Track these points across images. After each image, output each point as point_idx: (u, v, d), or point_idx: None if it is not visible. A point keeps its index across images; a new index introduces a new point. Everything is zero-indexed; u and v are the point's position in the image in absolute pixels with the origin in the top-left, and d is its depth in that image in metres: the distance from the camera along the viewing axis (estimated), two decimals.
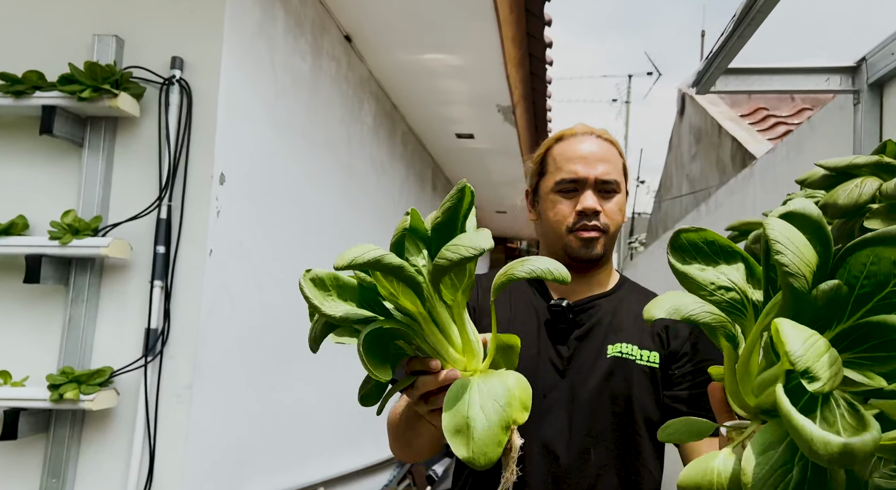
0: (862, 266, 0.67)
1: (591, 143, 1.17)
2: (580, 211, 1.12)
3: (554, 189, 1.14)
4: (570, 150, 1.16)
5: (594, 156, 1.15)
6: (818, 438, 0.48)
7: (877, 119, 1.55)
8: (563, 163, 1.15)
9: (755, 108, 4.87)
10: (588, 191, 1.13)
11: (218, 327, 1.93)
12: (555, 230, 1.14)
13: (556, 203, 1.14)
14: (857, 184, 1.15)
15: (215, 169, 1.87)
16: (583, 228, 1.12)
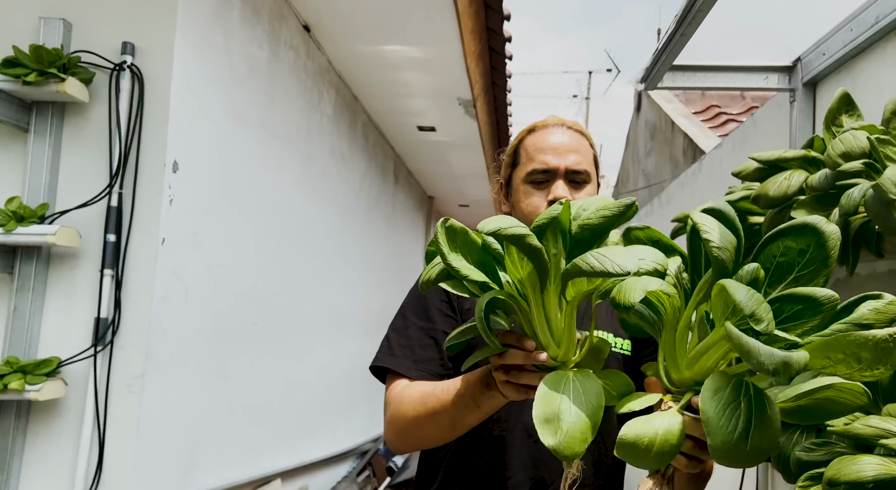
0: (774, 254, 0.75)
1: (561, 133, 1.18)
2: (551, 200, 1.13)
3: (526, 179, 1.16)
4: (542, 140, 1.17)
5: (565, 146, 1.16)
6: (765, 353, 0.59)
7: (810, 116, 1.63)
8: (534, 153, 1.16)
9: (708, 106, 5.02)
10: (559, 181, 1.14)
11: (171, 317, 1.92)
12: (527, 221, 1.12)
13: (528, 194, 1.16)
14: (786, 176, 1.22)
15: (168, 156, 1.85)
16: None
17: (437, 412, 0.97)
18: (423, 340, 1.11)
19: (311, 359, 3.23)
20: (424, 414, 0.99)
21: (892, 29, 1.33)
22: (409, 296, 1.19)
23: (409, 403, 1.02)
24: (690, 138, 4.12)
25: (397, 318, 1.16)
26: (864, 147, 1.04)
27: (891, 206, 0.92)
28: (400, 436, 1.05)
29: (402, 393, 1.05)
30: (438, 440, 1.03)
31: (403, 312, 1.16)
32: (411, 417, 1.01)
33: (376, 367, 1.13)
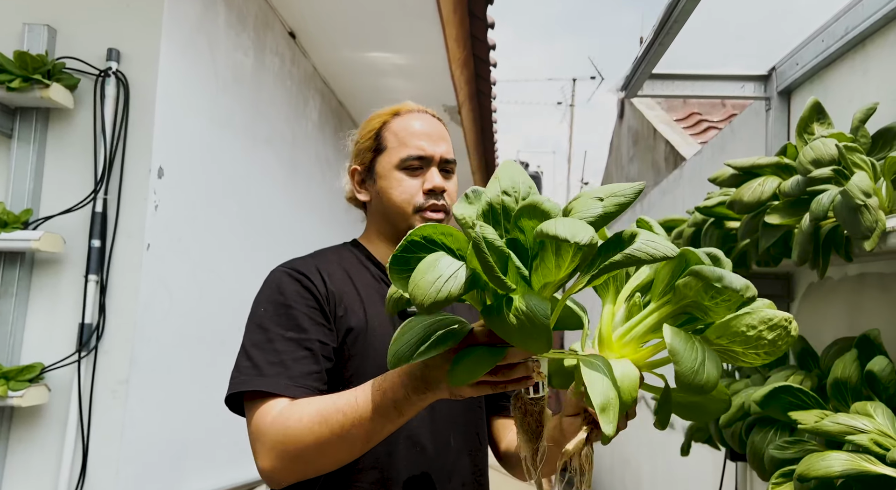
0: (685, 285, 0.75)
1: (430, 120, 1.14)
2: (429, 190, 1.08)
3: (399, 166, 1.09)
4: (413, 125, 1.11)
5: (436, 133, 1.12)
6: (729, 276, 0.73)
7: (785, 124, 1.68)
8: (407, 138, 1.09)
9: (689, 113, 5.10)
10: (433, 169, 1.10)
11: (156, 322, 1.91)
12: (399, 210, 1.08)
13: (401, 181, 1.08)
14: (759, 182, 1.26)
15: (153, 162, 1.85)
16: (431, 208, 1.08)
17: (346, 429, 0.86)
18: (296, 353, 0.98)
19: None
20: (328, 434, 0.87)
21: (861, 40, 1.38)
22: (263, 305, 1.03)
23: (304, 424, 0.88)
24: (672, 145, 4.18)
25: (254, 333, 1.01)
26: (833, 154, 1.08)
27: (857, 211, 0.96)
28: (291, 464, 0.90)
29: (285, 415, 0.91)
30: (341, 462, 0.91)
31: (261, 325, 1.01)
32: (310, 441, 0.88)
33: (236, 394, 0.98)
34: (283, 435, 0.89)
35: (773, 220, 1.17)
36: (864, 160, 1.04)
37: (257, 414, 0.94)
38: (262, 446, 0.92)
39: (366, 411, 0.85)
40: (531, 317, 0.66)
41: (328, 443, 0.87)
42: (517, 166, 0.80)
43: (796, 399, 1.05)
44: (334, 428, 0.87)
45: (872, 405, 0.90)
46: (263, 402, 0.94)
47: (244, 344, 1.02)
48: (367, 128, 1.15)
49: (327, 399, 0.90)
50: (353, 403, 0.87)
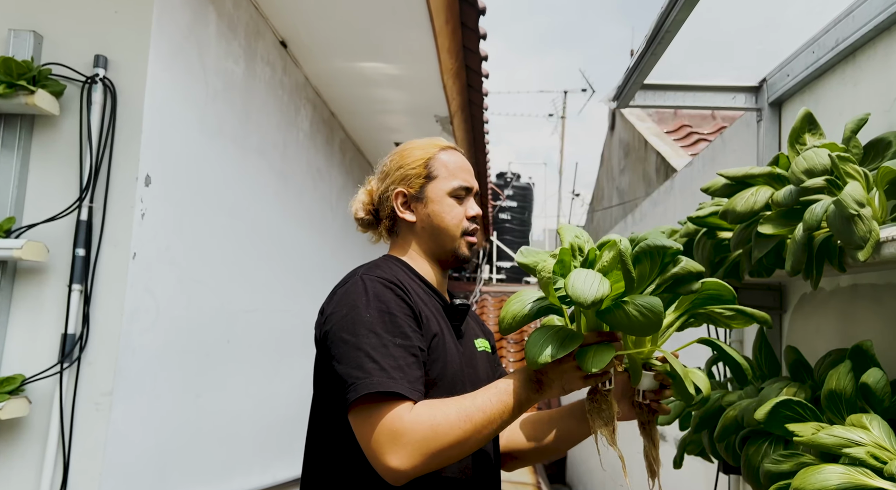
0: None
1: (464, 157, 1.32)
2: (472, 216, 1.26)
3: (451, 193, 1.24)
4: (459, 160, 1.28)
5: (471, 169, 1.31)
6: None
7: (776, 135, 1.68)
8: (457, 171, 1.26)
9: (680, 125, 5.14)
10: (472, 198, 1.27)
11: (141, 333, 1.88)
12: (450, 232, 1.24)
13: (452, 207, 1.24)
14: (752, 192, 1.25)
15: (140, 170, 1.83)
16: (472, 232, 1.26)
17: (483, 426, 0.99)
18: (407, 359, 1.05)
19: (284, 376, 3.19)
20: (471, 431, 0.98)
21: (851, 52, 1.38)
22: (366, 311, 1.07)
23: (452, 422, 0.98)
24: (663, 156, 4.20)
25: (369, 337, 1.05)
26: (825, 164, 1.07)
27: (851, 221, 0.95)
28: (432, 460, 0.98)
29: (428, 415, 0.98)
30: (463, 456, 1.02)
31: (374, 330, 1.05)
32: (455, 438, 0.98)
33: (376, 392, 1.00)
34: (433, 432, 0.97)
35: (765, 231, 1.16)
36: (857, 170, 1.03)
37: (390, 415, 0.99)
38: (402, 445, 0.97)
39: (499, 411, 1.00)
40: (650, 308, 0.91)
41: (468, 439, 0.99)
42: (571, 226, 1.10)
43: (793, 412, 1.04)
44: (477, 425, 0.99)
45: (868, 417, 0.89)
46: (393, 404, 1.00)
47: (361, 347, 1.04)
48: (412, 156, 1.27)
49: (464, 400, 1.02)
50: (489, 403, 1.01)
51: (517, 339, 9.89)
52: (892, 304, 1.21)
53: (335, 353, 1.05)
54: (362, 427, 1.00)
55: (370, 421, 0.99)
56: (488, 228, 11.46)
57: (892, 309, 1.21)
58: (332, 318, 1.09)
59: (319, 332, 1.12)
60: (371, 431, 0.99)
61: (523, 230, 15.43)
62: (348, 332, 1.05)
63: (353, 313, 1.07)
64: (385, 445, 0.97)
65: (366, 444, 0.99)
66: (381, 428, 0.98)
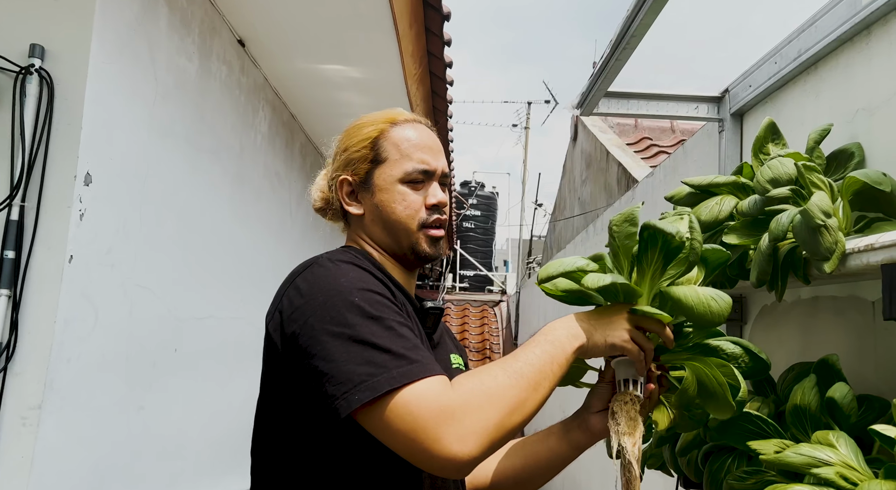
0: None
1: (428, 132, 1.09)
2: (433, 205, 1.04)
3: (402, 179, 1.03)
4: (418, 136, 1.06)
5: (437, 146, 1.08)
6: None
7: (738, 145, 1.68)
8: (410, 151, 1.04)
9: (640, 138, 5.20)
10: (435, 183, 1.06)
11: (77, 342, 1.76)
12: (403, 225, 1.03)
13: (405, 196, 1.03)
14: (717, 202, 1.23)
15: (79, 168, 1.72)
16: (435, 224, 1.05)
17: (539, 383, 0.85)
18: (416, 338, 0.88)
19: (236, 386, 3.06)
20: (528, 388, 0.84)
21: (813, 63, 1.38)
22: (353, 295, 0.87)
23: (503, 385, 0.82)
24: (624, 167, 4.23)
25: (368, 324, 0.84)
26: (791, 173, 1.05)
27: (818, 232, 0.93)
28: (497, 433, 0.80)
29: (475, 382, 0.82)
30: (527, 422, 0.87)
31: (371, 315, 0.85)
32: (514, 400, 0.82)
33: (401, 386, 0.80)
34: (489, 399, 0.80)
35: (730, 240, 1.14)
36: (823, 180, 1.02)
37: (428, 396, 0.79)
38: (461, 423, 0.78)
39: (548, 362, 0.87)
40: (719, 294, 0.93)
41: (527, 400, 0.84)
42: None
43: (755, 427, 1.01)
44: (531, 382, 0.85)
45: (834, 435, 0.86)
46: (425, 385, 0.80)
47: (361, 337, 0.83)
48: (358, 135, 1.07)
49: (505, 360, 0.87)
50: (535, 356, 0.87)
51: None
52: (853, 317, 1.20)
53: (320, 350, 0.83)
54: (393, 424, 0.79)
55: (403, 413, 0.78)
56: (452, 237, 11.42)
57: (853, 321, 1.20)
58: (304, 311, 0.87)
59: (282, 332, 0.89)
60: (410, 423, 0.78)
61: (487, 239, 15.47)
62: (336, 322, 0.84)
63: (335, 299, 0.86)
64: (439, 430, 0.77)
65: (408, 441, 0.78)
66: (424, 413, 0.78)
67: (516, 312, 9.29)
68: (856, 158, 1.16)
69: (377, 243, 1.07)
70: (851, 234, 1.03)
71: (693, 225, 0.96)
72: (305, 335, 0.85)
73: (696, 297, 0.91)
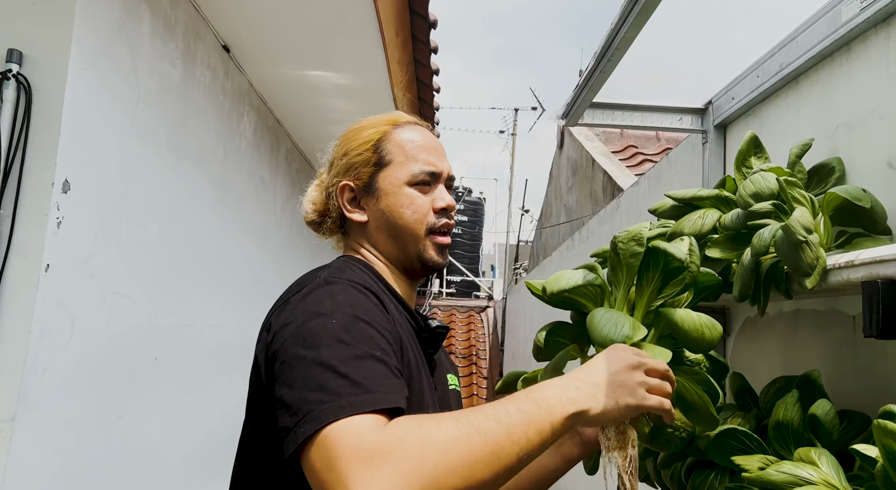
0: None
1: (431, 134, 1.06)
2: (442, 208, 1.00)
3: (410, 182, 0.99)
4: (422, 138, 1.03)
5: (441, 148, 1.04)
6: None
7: (721, 157, 1.69)
8: (416, 152, 1.00)
9: (626, 146, 5.23)
10: (441, 185, 1.02)
11: (52, 351, 1.72)
12: (411, 231, 0.99)
13: (413, 199, 0.99)
14: (700, 215, 1.23)
15: (57, 175, 1.68)
16: (443, 229, 1.00)
17: (502, 443, 0.68)
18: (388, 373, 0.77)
19: (218, 396, 3.02)
20: (482, 446, 0.67)
21: (794, 77, 1.39)
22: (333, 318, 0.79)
23: (448, 433, 0.67)
24: (610, 176, 4.25)
25: (335, 347, 0.75)
26: (773, 188, 1.05)
27: (799, 248, 0.93)
28: (431, 484, 0.65)
29: (413, 424, 0.69)
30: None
31: (339, 339, 0.76)
32: (458, 455, 0.66)
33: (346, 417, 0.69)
34: (420, 451, 0.65)
35: (713, 254, 1.14)
36: (804, 195, 1.02)
37: (355, 434, 0.67)
38: (375, 472, 0.63)
39: (521, 422, 0.70)
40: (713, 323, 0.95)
41: (479, 459, 0.67)
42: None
43: (739, 443, 1.00)
44: (491, 438, 0.68)
45: (817, 452, 0.86)
46: (346, 423, 0.68)
47: (323, 360, 0.74)
48: (359, 139, 1.03)
49: (464, 411, 0.72)
50: (505, 413, 0.71)
51: (466, 365, 9.82)
52: (834, 331, 1.20)
53: (285, 376, 0.74)
54: (312, 462, 0.67)
55: (330, 450, 0.66)
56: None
57: (834, 335, 1.20)
58: (283, 333, 0.79)
59: (265, 353, 0.83)
60: (326, 461, 0.66)
61: (474, 244, 15.48)
62: (305, 344, 0.76)
63: (312, 322, 0.78)
64: (350, 473, 0.64)
65: (319, 482, 0.66)
66: (339, 451, 0.65)
67: (503, 318, 9.29)
68: (836, 173, 1.17)
69: (381, 252, 1.02)
70: (832, 249, 1.03)
71: (693, 248, 0.97)
72: (279, 359, 0.78)
73: (693, 322, 0.92)
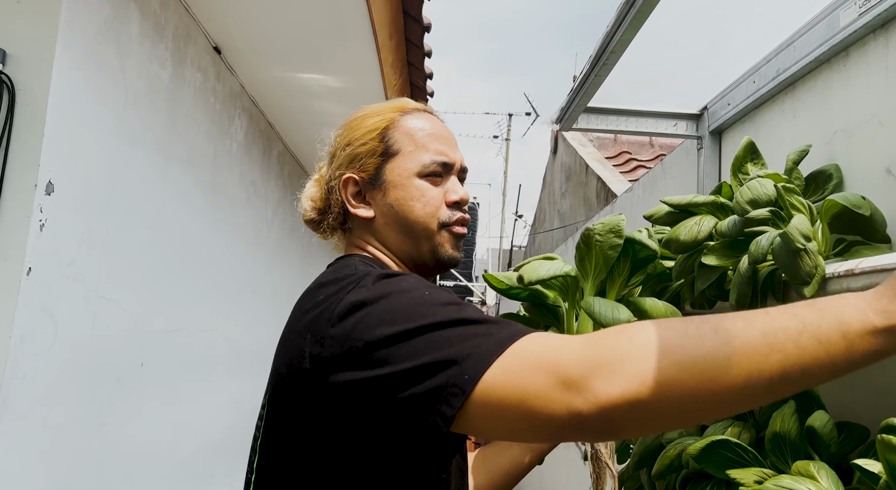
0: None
1: (442, 122, 0.98)
2: (455, 202, 0.93)
3: (421, 173, 0.92)
4: (430, 126, 0.95)
5: (452, 137, 0.97)
6: None
7: (716, 163, 1.67)
8: (427, 141, 0.93)
9: (619, 152, 5.22)
10: (454, 177, 0.95)
11: (34, 357, 1.68)
12: (423, 225, 0.91)
13: (424, 191, 0.91)
14: (696, 222, 1.21)
15: (40, 177, 1.65)
16: (458, 223, 0.93)
17: (756, 350, 0.56)
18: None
19: (206, 401, 2.98)
20: (741, 353, 0.56)
21: (791, 83, 1.37)
22: (418, 291, 0.73)
23: (687, 332, 0.58)
24: (603, 181, 4.23)
25: (447, 308, 0.69)
26: (770, 195, 1.03)
27: (797, 256, 0.91)
28: (673, 379, 0.56)
29: (642, 326, 0.61)
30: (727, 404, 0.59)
31: (446, 302, 0.71)
32: (705, 351, 0.56)
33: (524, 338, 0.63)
34: (649, 346, 0.57)
35: (709, 261, 1.12)
36: (802, 202, 1.00)
37: (548, 342, 0.62)
38: (621, 364, 0.57)
39: (786, 327, 0.57)
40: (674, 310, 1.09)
41: (720, 360, 0.56)
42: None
43: (734, 455, 0.98)
44: (734, 339, 0.57)
45: (815, 466, 0.84)
46: (542, 335, 0.64)
47: (443, 320, 0.66)
48: (363, 127, 0.95)
49: (698, 316, 0.62)
50: (763, 316, 0.58)
51: None
52: None
53: (392, 354, 0.66)
54: (525, 380, 0.60)
55: (537, 361, 0.60)
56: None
57: None
58: (360, 326, 0.69)
59: (336, 359, 0.70)
60: (548, 367, 0.59)
61: (467, 249, 15.49)
62: (407, 319, 0.67)
63: (398, 299, 0.71)
64: (596, 370, 0.57)
65: (541, 397, 0.59)
66: (552, 356, 0.60)
67: None
68: (834, 180, 1.15)
69: (391, 249, 0.94)
70: (831, 257, 1.01)
71: (652, 237, 1.09)
72: (367, 350, 0.67)
73: (660, 310, 1.01)
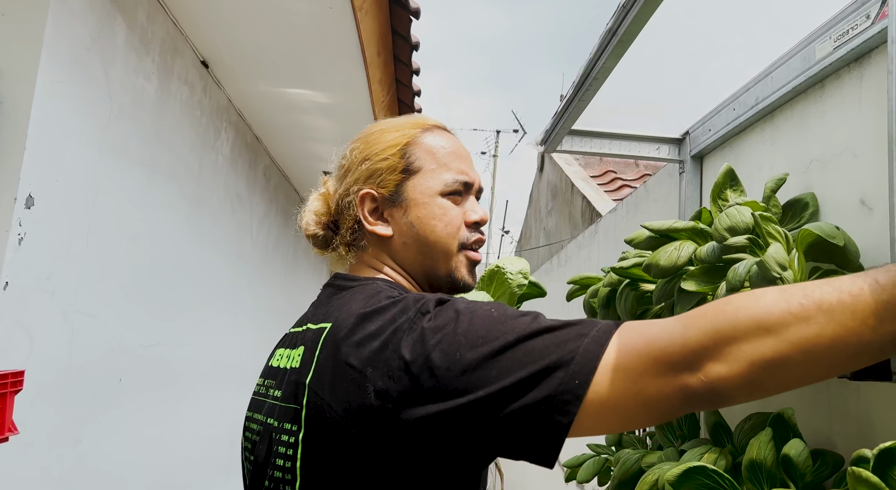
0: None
1: (458, 140, 0.96)
2: (475, 222, 0.92)
3: (443, 192, 0.90)
4: (450, 145, 0.93)
5: (470, 156, 0.96)
6: None
7: (697, 187, 1.69)
8: (449, 159, 0.91)
9: (605, 171, 5.27)
10: (472, 197, 0.94)
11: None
12: (444, 246, 0.89)
13: (446, 211, 0.89)
14: (675, 247, 1.22)
15: (20, 190, 1.63)
16: (475, 245, 0.92)
17: (811, 321, 0.57)
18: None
19: (186, 417, 2.93)
20: (794, 319, 0.58)
21: (770, 111, 1.40)
22: (480, 308, 0.72)
23: (769, 301, 0.60)
24: (588, 200, 4.27)
25: (520, 319, 0.69)
26: (748, 223, 1.05)
27: (773, 284, 0.92)
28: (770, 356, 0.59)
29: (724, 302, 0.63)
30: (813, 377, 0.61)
31: (513, 314, 0.71)
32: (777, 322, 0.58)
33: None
34: (754, 320, 0.59)
35: (689, 287, 1.13)
36: (779, 231, 1.02)
37: (646, 328, 0.64)
38: (725, 342, 0.60)
39: (838, 305, 0.57)
40: None
41: (800, 334, 0.57)
42: None
43: (711, 481, 0.98)
44: (803, 313, 0.58)
45: None
46: (636, 323, 0.66)
47: (530, 331, 0.67)
48: (382, 142, 0.92)
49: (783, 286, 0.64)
50: (819, 291, 0.59)
51: None
52: None
53: (483, 377, 0.65)
54: (632, 372, 0.62)
55: (643, 352, 0.63)
56: None
57: None
58: (435, 355, 0.67)
59: (414, 392, 0.67)
60: (649, 351, 0.62)
61: None
62: (486, 339, 0.67)
63: (469, 321, 0.69)
64: (703, 354, 0.60)
65: (652, 381, 0.62)
66: (655, 348, 0.63)
67: None
68: (810, 208, 1.17)
69: (407, 269, 0.92)
70: None
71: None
72: (451, 375, 0.66)
73: None
